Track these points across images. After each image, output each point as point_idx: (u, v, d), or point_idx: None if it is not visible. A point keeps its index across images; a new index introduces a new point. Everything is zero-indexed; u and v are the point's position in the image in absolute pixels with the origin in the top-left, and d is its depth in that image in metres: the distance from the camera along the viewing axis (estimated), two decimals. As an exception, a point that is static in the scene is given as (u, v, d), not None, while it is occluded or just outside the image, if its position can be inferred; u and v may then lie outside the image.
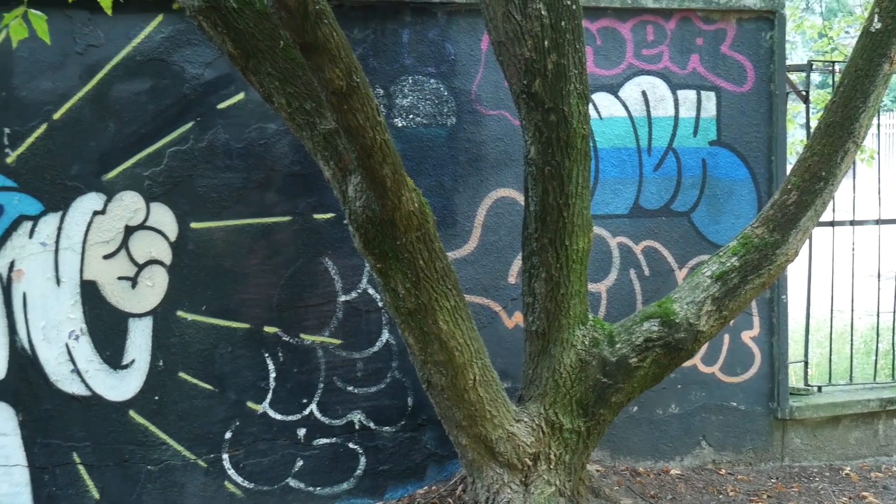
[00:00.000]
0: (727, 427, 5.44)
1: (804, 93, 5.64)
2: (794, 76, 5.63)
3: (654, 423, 5.42)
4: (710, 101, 5.43)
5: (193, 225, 4.75)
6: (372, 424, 5.05)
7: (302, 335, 4.93)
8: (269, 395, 4.89)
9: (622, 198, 5.35)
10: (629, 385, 4.22)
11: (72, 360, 4.60)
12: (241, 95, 4.79)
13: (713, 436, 5.44)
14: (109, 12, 3.77)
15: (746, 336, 5.51)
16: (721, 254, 4.32)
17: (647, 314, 4.26)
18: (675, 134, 5.43)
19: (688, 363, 4.73)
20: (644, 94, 5.38)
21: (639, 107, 5.38)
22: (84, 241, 4.60)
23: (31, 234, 4.54)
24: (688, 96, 5.41)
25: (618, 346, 4.22)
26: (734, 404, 5.47)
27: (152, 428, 4.72)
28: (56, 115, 4.56)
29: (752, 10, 5.41)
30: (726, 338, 5.45)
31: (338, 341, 4.98)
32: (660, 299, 4.39)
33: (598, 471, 4.99)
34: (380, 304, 5.01)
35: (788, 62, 5.60)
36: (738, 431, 5.46)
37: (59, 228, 4.58)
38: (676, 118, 5.43)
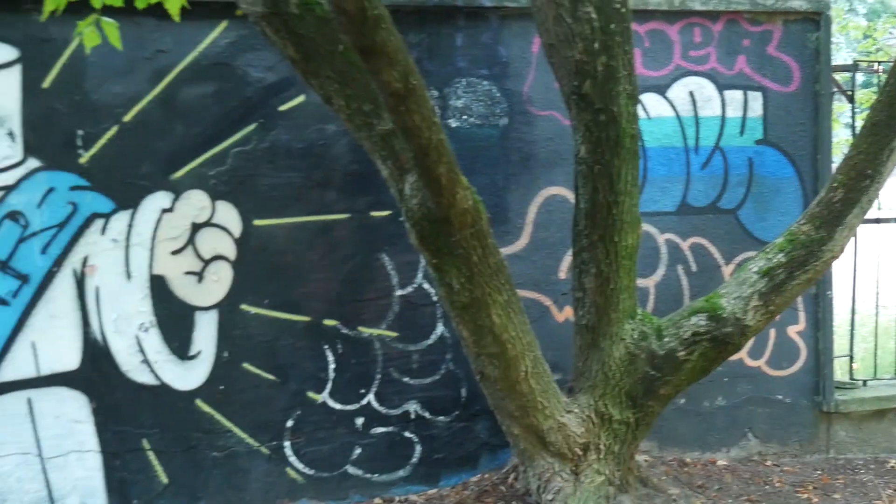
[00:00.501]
0: (773, 419, 5.45)
1: (849, 93, 5.55)
2: (839, 76, 5.63)
3: (701, 415, 5.38)
4: (756, 101, 5.44)
5: (256, 222, 4.81)
6: (427, 414, 5.13)
7: (360, 328, 5.00)
8: (329, 386, 4.99)
9: (670, 195, 5.37)
10: (677, 378, 4.25)
11: (142, 350, 4.70)
12: (301, 98, 4.86)
13: (759, 428, 5.44)
14: (177, 19, 3.87)
15: (792, 331, 5.52)
16: (768, 250, 4.33)
17: (695, 309, 4.28)
18: (722, 133, 5.44)
19: (734, 357, 4.76)
20: (691, 94, 5.40)
21: (686, 107, 5.40)
22: (153, 238, 4.69)
23: (103, 231, 4.63)
24: (734, 96, 5.42)
25: (666, 339, 4.25)
26: (780, 397, 5.46)
27: (218, 416, 4.81)
28: (126, 118, 4.68)
29: (798, 12, 5.41)
30: (772, 332, 5.45)
31: (394, 334, 5.04)
32: (707, 295, 4.40)
33: (646, 461, 5.01)
34: (434, 299, 5.08)
35: (833, 63, 5.62)
36: (783, 424, 5.47)
37: (130, 225, 4.67)
38: (723, 118, 5.44)
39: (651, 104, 5.31)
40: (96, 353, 4.68)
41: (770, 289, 4.20)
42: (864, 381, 5.78)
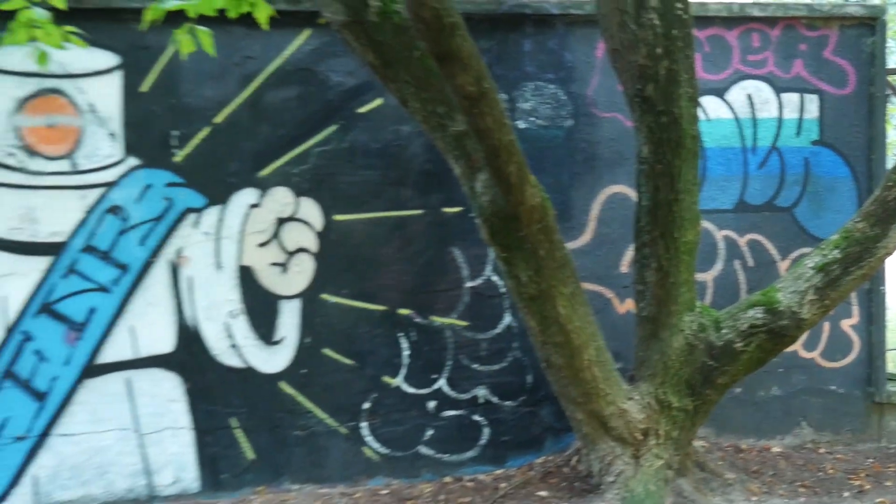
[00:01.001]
0: (826, 409, 5.49)
1: None
2: (893, 79, 5.62)
3: (756, 404, 5.42)
4: (812, 103, 5.48)
5: (336, 217, 4.96)
6: (494, 399, 5.20)
7: (432, 317, 5.10)
8: (403, 371, 5.09)
9: (728, 194, 5.41)
10: (734, 368, 4.32)
11: (230, 336, 4.89)
12: (379, 101, 4.99)
13: (813, 417, 5.48)
14: (266, 27, 3.95)
15: (846, 324, 5.50)
16: (823, 247, 4.33)
17: (752, 302, 4.34)
18: (779, 134, 5.48)
19: (789, 349, 4.75)
20: (749, 97, 5.44)
21: (744, 109, 5.44)
22: (242, 231, 4.87)
23: (195, 225, 4.83)
24: (791, 99, 5.46)
25: (724, 331, 4.31)
26: (833, 388, 5.50)
27: (300, 398, 4.96)
28: (217, 119, 4.84)
29: (854, 17, 5.45)
30: (826, 325, 5.41)
31: (464, 323, 5.14)
32: (763, 289, 4.46)
33: (703, 447, 5.06)
34: (502, 290, 5.16)
35: (888, 66, 5.61)
36: (836, 414, 5.50)
37: (220, 220, 4.85)
38: (780, 119, 5.48)
39: (710, 106, 5.32)
40: (189, 337, 4.85)
41: (825, 284, 4.22)
42: (916, 374, 5.78)
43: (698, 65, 4.87)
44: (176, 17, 3.85)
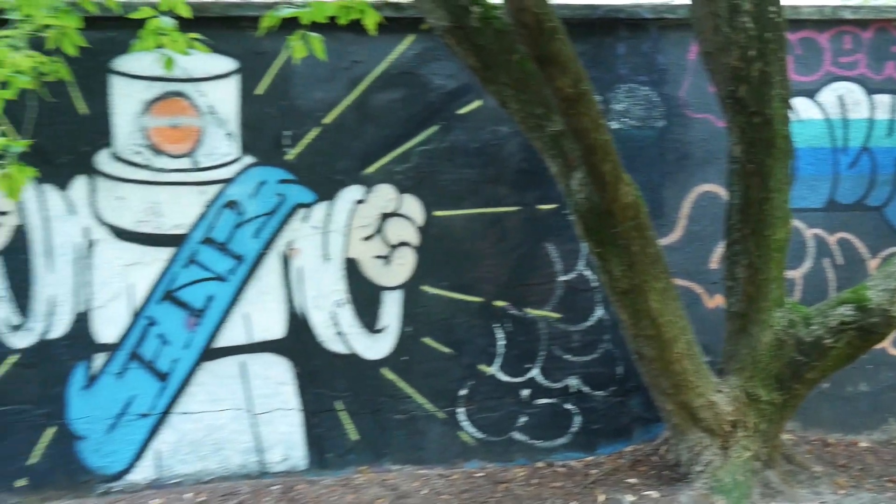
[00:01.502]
0: None
1: None
2: None
3: (844, 399, 5.40)
4: None
5: (436, 213, 5.07)
6: (586, 389, 5.27)
7: (527, 309, 5.18)
8: (498, 360, 5.19)
9: (818, 193, 5.41)
10: (823, 363, 4.33)
11: (336, 324, 5.06)
12: (478, 102, 5.11)
13: None
14: (374, 33, 4.23)
15: None
16: None
17: (842, 299, 4.34)
18: (870, 135, 5.46)
19: (878, 346, 4.71)
20: (840, 98, 5.43)
21: (835, 110, 5.42)
22: (348, 226, 5.03)
23: (305, 219, 4.99)
24: (883, 100, 5.43)
25: (813, 327, 4.31)
26: None
27: (401, 384, 5.11)
28: (326, 120, 4.98)
29: None
30: None
31: (557, 315, 5.22)
32: (852, 287, 4.44)
33: (790, 440, 5.06)
34: (594, 284, 5.25)
35: None
36: None
37: (328, 214, 5.01)
38: (871, 120, 5.46)
39: (801, 107, 5.30)
40: (298, 324, 5.03)
41: None
42: None
43: (790, 66, 4.88)
44: (289, 24, 4.06)
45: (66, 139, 4.84)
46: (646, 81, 5.22)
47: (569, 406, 5.33)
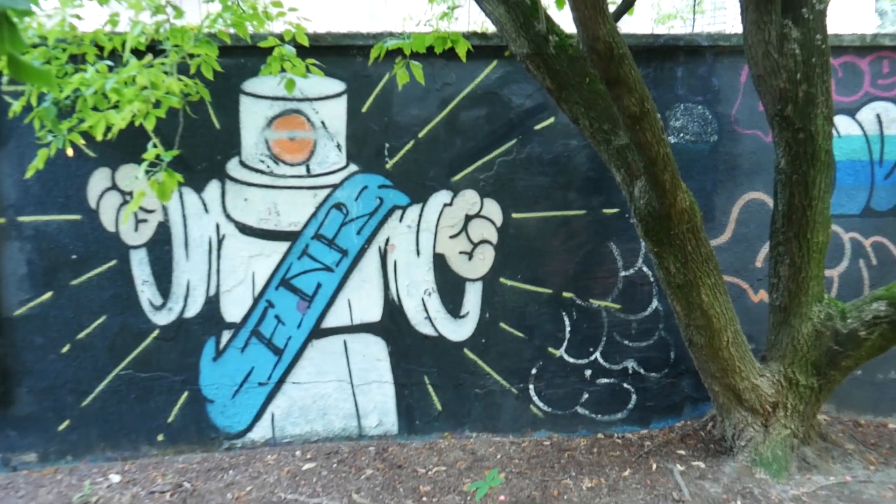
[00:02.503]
0: None
1: None
2: None
3: (875, 385, 5.45)
4: None
5: (514, 215, 5.24)
6: (642, 370, 5.42)
7: (591, 300, 5.34)
8: (565, 344, 5.36)
9: (855, 201, 5.42)
10: (857, 353, 4.37)
11: (426, 310, 5.28)
12: (551, 119, 5.24)
13: None
14: (464, 60, 4.47)
15: None
16: None
17: (876, 296, 4.37)
18: None
19: None
20: (878, 116, 5.42)
21: (873, 127, 5.41)
22: (437, 225, 5.22)
23: (400, 219, 5.21)
24: None
25: (849, 321, 4.36)
26: None
27: (480, 362, 5.31)
28: (420, 134, 5.20)
29: None
30: None
31: (618, 306, 5.36)
32: (885, 285, 4.47)
33: (825, 420, 5.12)
34: (651, 279, 5.38)
35: None
36: None
37: (420, 215, 5.21)
38: None
39: (842, 124, 5.37)
40: (393, 309, 5.27)
41: None
42: None
43: (833, 88, 4.87)
44: (390, 51, 4.28)
45: (203, 149, 5.17)
46: (701, 101, 5.30)
47: (626, 385, 5.45)
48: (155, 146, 3.84)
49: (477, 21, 5.60)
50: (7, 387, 5.15)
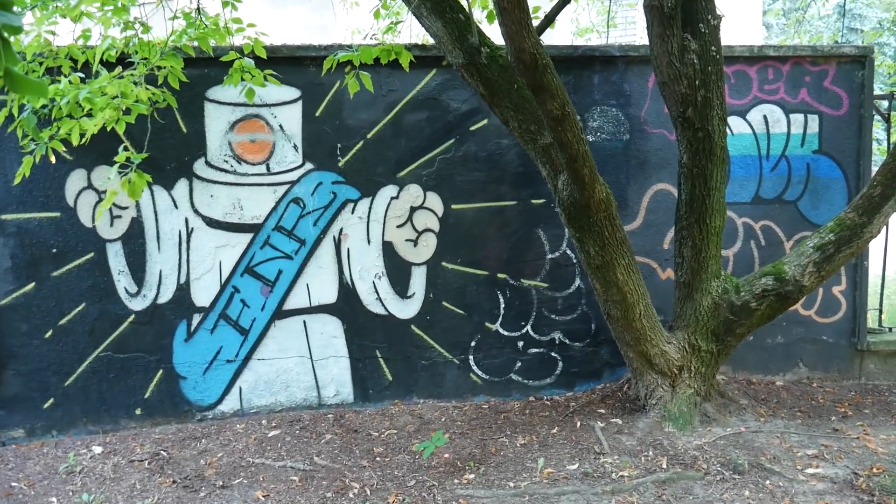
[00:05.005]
0: (818, 354, 5.62)
1: (886, 115, 5.61)
2: (878, 103, 5.66)
3: (764, 349, 5.56)
4: (814, 121, 5.53)
5: (453, 206, 5.22)
6: (567, 341, 5.44)
7: (522, 280, 5.34)
8: (500, 319, 5.34)
9: (746, 190, 5.50)
10: (749, 322, 4.47)
11: (376, 291, 5.23)
12: (485, 121, 5.23)
13: (808, 360, 5.63)
14: (407, 69, 4.44)
15: (836, 290, 5.59)
16: (821, 231, 4.41)
17: (764, 272, 4.47)
18: (787, 145, 5.52)
19: (792, 308, 4.86)
20: (765, 117, 5.49)
21: (760, 126, 5.48)
22: (385, 216, 5.17)
23: (352, 211, 5.15)
24: (797, 118, 5.54)
25: (742, 294, 4.43)
26: (825, 338, 5.63)
27: (425, 337, 5.29)
28: (369, 135, 5.16)
29: (848, 56, 5.49)
30: (821, 290, 5.49)
31: (545, 285, 5.37)
32: (773, 262, 4.57)
33: (723, 380, 5.25)
34: (574, 261, 5.38)
35: (875, 93, 5.51)
36: (826, 357, 5.63)
37: (370, 208, 5.16)
38: (788, 134, 5.53)
39: (734, 124, 5.43)
40: (347, 292, 5.21)
41: (822, 259, 4.35)
42: (890, 329, 5.86)
43: (726, 93, 4.92)
44: (341, 62, 4.22)
45: (171, 151, 5.04)
46: (614, 104, 5.32)
47: (554, 354, 5.47)
48: (126, 149, 3.76)
49: (418, 34, 5.58)
50: (-6, 370, 4.94)
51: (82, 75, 3.93)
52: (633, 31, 11.55)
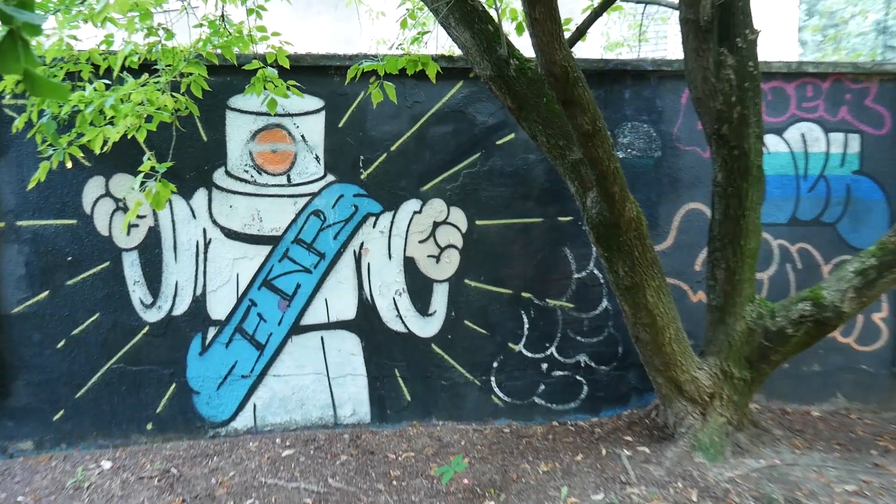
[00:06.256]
0: (857, 383, 5.52)
1: None
2: None
3: (800, 377, 5.47)
4: (854, 140, 5.47)
5: (478, 222, 5.21)
6: (593, 364, 5.38)
7: (547, 300, 5.31)
8: (523, 340, 5.31)
9: (783, 211, 5.44)
10: (785, 348, 4.38)
11: (396, 308, 5.20)
12: (512, 135, 5.23)
13: (846, 390, 5.53)
14: (433, 80, 4.40)
15: (876, 317, 5.52)
16: (862, 255, 4.31)
17: (802, 297, 4.39)
18: (826, 165, 5.46)
19: (830, 335, 4.68)
20: (803, 135, 5.45)
21: (798, 145, 5.44)
22: (407, 231, 5.16)
23: (374, 225, 5.14)
24: (837, 137, 5.45)
25: (778, 319, 4.36)
26: (864, 367, 5.53)
27: (446, 357, 5.25)
28: (392, 148, 5.14)
29: (891, 73, 5.44)
30: (860, 317, 5.44)
31: (571, 305, 5.33)
32: (810, 287, 4.47)
33: (756, 408, 5.12)
34: (602, 281, 5.35)
35: None
36: (866, 387, 5.52)
37: (392, 222, 5.15)
38: (827, 153, 5.46)
39: (771, 143, 5.39)
40: (366, 308, 5.18)
41: (863, 284, 4.26)
42: (934, 359, 5.63)
43: (763, 110, 4.90)
44: (365, 72, 4.22)
45: (191, 160, 5.07)
46: (646, 120, 5.29)
47: (579, 377, 5.42)
48: (149, 159, 3.77)
49: (445, 45, 5.57)
50: (5, 380, 5.00)
51: (108, 82, 3.96)
52: (664, 45, 11.52)
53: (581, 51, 9.98)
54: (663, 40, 11.55)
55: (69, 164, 4.23)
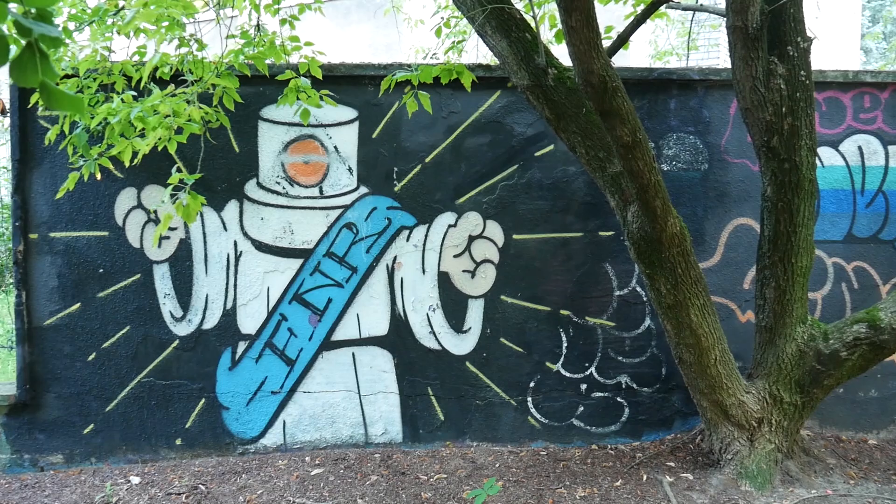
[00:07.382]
0: None
1: None
2: None
3: (856, 403, 5.37)
4: None
5: (515, 236, 5.22)
6: (635, 385, 5.37)
7: (587, 317, 5.29)
8: (562, 359, 5.31)
9: (838, 228, 5.37)
10: (838, 372, 4.32)
11: (430, 324, 5.23)
12: (551, 147, 5.25)
13: None
14: (469, 90, 4.43)
15: None
16: None
17: (857, 318, 4.33)
18: (885, 180, 5.40)
19: (887, 359, 4.68)
20: (860, 148, 5.39)
21: (855, 158, 5.36)
22: (441, 245, 5.19)
23: (407, 239, 5.18)
24: None
25: (831, 341, 4.30)
26: None
27: (481, 375, 5.27)
28: (427, 159, 5.20)
29: None
30: None
31: (612, 324, 5.30)
32: (866, 308, 4.42)
33: (808, 435, 5.08)
34: (644, 299, 5.32)
35: None
36: None
37: (426, 235, 5.19)
38: (886, 167, 5.41)
39: (826, 155, 5.33)
40: (399, 324, 5.24)
41: None
42: None
43: (817, 121, 4.88)
44: (400, 82, 4.24)
45: (222, 171, 5.18)
46: (692, 131, 5.27)
47: (620, 399, 5.39)
48: (179, 170, 3.85)
49: (485, 54, 5.58)
50: (37, 392, 5.13)
51: (135, 93, 4.06)
52: (716, 53, 11.39)
53: (627, 60, 9.94)
54: (715, 48, 11.42)
55: (98, 176, 4.34)
